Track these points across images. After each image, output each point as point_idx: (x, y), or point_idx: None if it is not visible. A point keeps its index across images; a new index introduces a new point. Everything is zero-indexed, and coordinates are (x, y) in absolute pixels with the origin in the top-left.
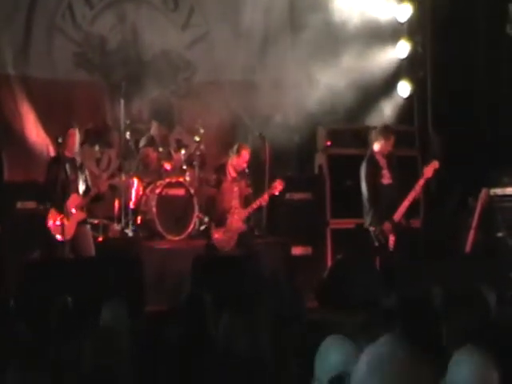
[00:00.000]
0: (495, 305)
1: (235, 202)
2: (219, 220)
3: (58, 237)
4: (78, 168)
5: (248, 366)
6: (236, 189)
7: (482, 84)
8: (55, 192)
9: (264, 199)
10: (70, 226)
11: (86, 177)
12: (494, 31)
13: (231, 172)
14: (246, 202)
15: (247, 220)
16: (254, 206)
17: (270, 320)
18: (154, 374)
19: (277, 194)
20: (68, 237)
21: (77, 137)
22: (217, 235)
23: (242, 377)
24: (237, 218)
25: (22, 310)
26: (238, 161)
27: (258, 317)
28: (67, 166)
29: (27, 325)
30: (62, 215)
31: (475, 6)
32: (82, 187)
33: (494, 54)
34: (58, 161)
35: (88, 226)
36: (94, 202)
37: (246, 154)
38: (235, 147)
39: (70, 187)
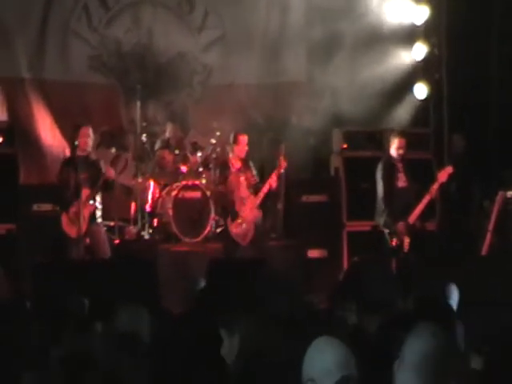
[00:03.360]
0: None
1: (245, 192)
2: (233, 214)
3: (72, 236)
4: (90, 165)
5: (260, 368)
6: (242, 179)
7: (498, 86)
8: (68, 194)
9: (273, 180)
10: (83, 221)
11: (99, 173)
12: (509, 32)
13: (235, 164)
14: (255, 190)
15: (263, 221)
16: (265, 189)
17: (281, 321)
18: (169, 375)
19: (283, 171)
20: (82, 232)
21: (90, 135)
22: (235, 229)
23: (254, 378)
24: (250, 207)
25: (38, 311)
26: (238, 148)
27: (270, 319)
28: (79, 167)
29: (42, 327)
30: (70, 214)
31: (491, 7)
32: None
33: (510, 55)
34: (70, 162)
35: (103, 228)
36: (104, 190)
37: (243, 138)
38: (231, 137)
39: (81, 187)
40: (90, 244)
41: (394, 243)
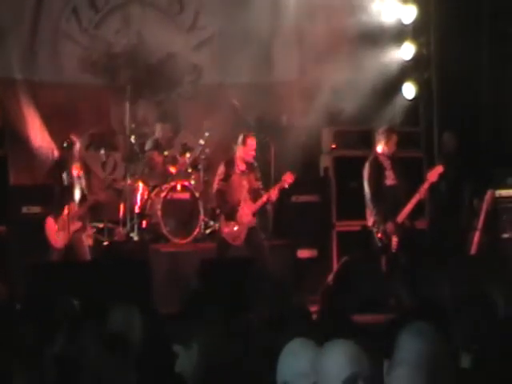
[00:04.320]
0: (502, 306)
1: (245, 196)
2: (229, 214)
3: (54, 244)
4: (75, 176)
5: (250, 367)
6: (245, 182)
7: (487, 85)
8: (54, 197)
9: (274, 193)
10: (64, 236)
11: (82, 185)
12: (498, 31)
13: (240, 165)
14: (255, 195)
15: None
16: (264, 199)
17: (271, 321)
18: (159, 375)
19: (287, 186)
20: (61, 245)
21: (78, 145)
22: (227, 229)
23: (244, 378)
24: (247, 212)
25: (28, 313)
26: (245, 150)
27: (259, 318)
28: (66, 173)
29: (33, 328)
30: (57, 224)
31: (480, 6)
32: (77, 195)
33: (499, 54)
34: (59, 166)
35: (83, 235)
36: (93, 209)
37: (251, 142)
38: (240, 138)
39: (67, 193)
40: (69, 251)
41: (381, 242)
